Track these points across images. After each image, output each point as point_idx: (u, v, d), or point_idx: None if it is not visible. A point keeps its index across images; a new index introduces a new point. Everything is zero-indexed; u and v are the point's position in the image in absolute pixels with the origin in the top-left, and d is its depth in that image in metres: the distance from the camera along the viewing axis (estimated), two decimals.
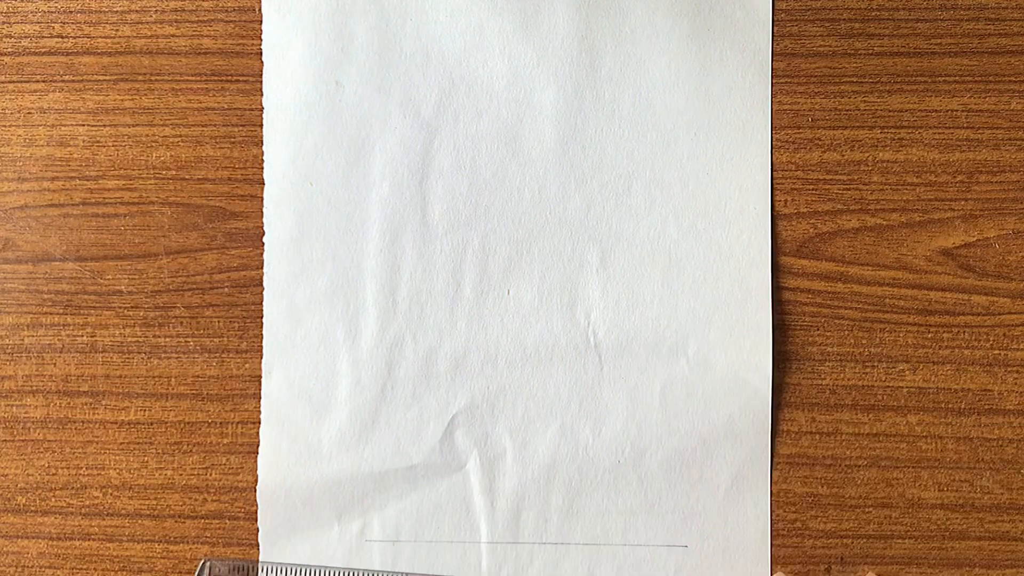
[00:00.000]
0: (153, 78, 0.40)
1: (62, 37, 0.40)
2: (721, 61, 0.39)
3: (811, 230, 0.39)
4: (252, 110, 0.40)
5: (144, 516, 0.40)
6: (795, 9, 0.39)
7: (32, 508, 0.40)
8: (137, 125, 0.40)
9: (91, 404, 0.40)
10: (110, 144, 0.40)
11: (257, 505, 0.39)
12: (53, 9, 0.40)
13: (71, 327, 0.40)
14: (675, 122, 0.39)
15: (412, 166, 0.39)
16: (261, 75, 0.39)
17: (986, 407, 0.39)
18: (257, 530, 0.39)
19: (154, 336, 0.40)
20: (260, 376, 0.39)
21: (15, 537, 0.40)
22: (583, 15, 0.39)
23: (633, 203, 0.39)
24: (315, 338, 0.39)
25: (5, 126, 0.40)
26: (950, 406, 0.39)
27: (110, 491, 0.40)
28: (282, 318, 0.39)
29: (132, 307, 0.40)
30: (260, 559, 0.39)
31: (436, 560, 0.39)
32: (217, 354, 0.40)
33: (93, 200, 0.40)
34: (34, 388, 0.40)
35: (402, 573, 0.38)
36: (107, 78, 0.40)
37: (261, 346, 0.39)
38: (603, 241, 0.39)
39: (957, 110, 0.39)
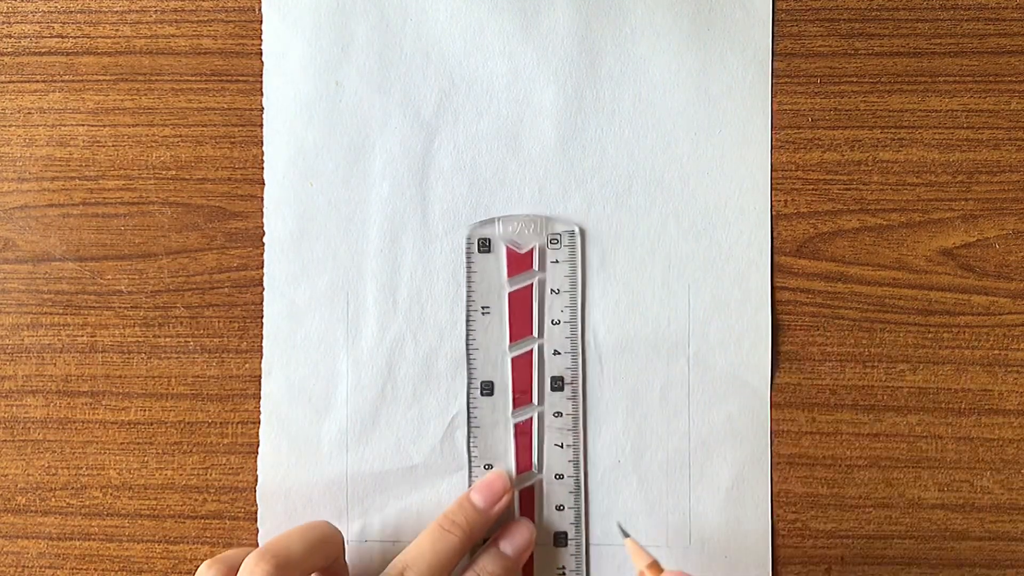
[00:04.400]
0: (153, 78, 0.40)
1: (62, 37, 0.40)
2: (721, 61, 0.39)
3: (811, 230, 0.39)
4: (252, 110, 0.40)
5: (144, 516, 0.40)
6: (795, 9, 0.39)
7: (32, 508, 0.40)
8: (137, 125, 0.40)
9: (91, 404, 0.40)
10: (110, 144, 0.40)
11: (257, 505, 0.39)
12: (53, 9, 0.40)
13: (71, 327, 0.40)
14: (675, 122, 0.39)
15: (412, 166, 0.39)
16: (261, 75, 0.39)
17: (986, 407, 0.39)
18: (257, 530, 0.39)
19: (154, 336, 0.40)
20: (260, 376, 0.39)
21: (15, 537, 0.40)
22: (583, 15, 0.39)
23: (633, 203, 0.39)
24: (315, 338, 0.39)
25: (5, 126, 0.40)
26: (950, 406, 0.39)
27: (110, 491, 0.40)
28: (282, 318, 0.39)
29: (132, 307, 0.40)
30: None
31: None
32: (217, 354, 0.40)
33: (93, 200, 0.40)
34: (34, 388, 0.40)
35: None
36: (107, 78, 0.40)
37: (261, 346, 0.39)
38: (603, 241, 0.39)
39: (957, 110, 0.39)
